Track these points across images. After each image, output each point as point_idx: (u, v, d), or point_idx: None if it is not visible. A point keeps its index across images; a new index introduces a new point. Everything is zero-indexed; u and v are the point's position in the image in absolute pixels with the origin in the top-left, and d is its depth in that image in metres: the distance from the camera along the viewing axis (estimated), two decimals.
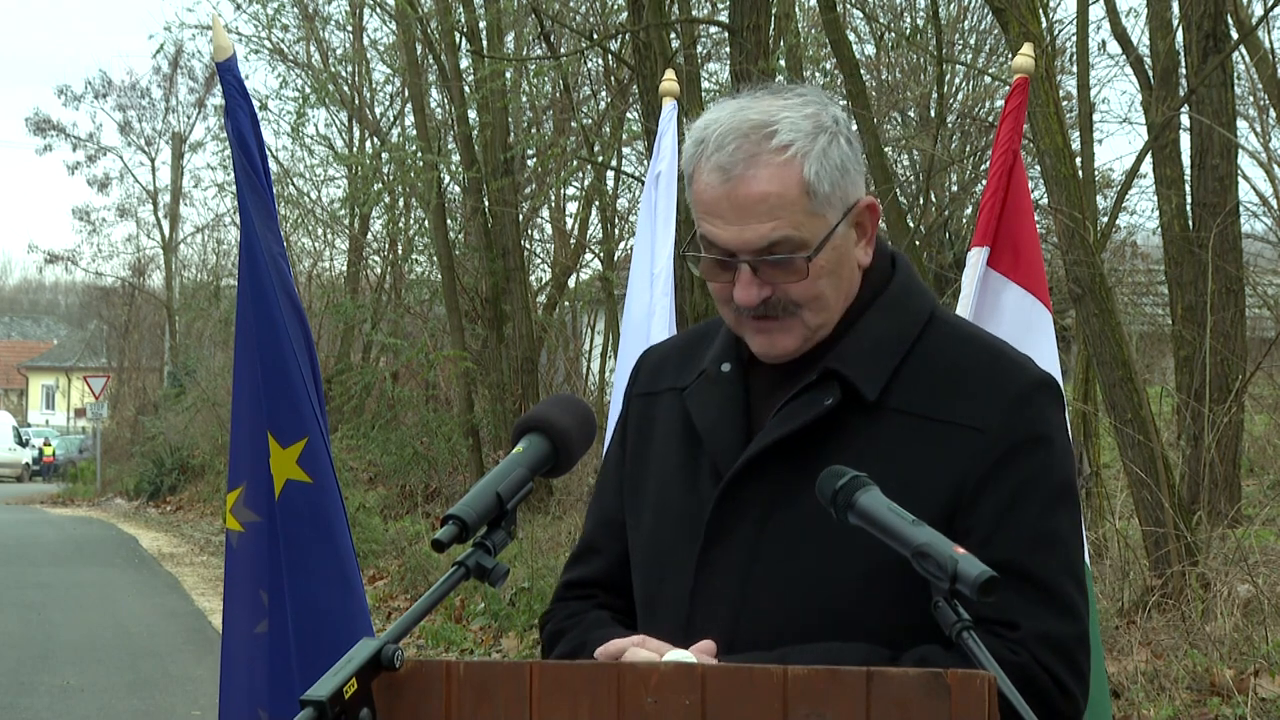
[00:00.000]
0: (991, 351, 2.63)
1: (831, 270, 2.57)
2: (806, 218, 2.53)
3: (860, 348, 2.58)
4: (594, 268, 24.19)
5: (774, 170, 2.52)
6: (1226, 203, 11.69)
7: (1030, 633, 2.45)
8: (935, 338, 2.61)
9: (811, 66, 17.41)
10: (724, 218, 2.54)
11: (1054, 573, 2.50)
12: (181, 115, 47.17)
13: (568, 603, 2.80)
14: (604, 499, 2.83)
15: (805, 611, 2.51)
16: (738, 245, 2.54)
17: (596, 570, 2.80)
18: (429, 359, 23.14)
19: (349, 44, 26.95)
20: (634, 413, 2.79)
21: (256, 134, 4.41)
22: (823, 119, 2.57)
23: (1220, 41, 11.34)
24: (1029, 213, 4.68)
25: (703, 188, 2.56)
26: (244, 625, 4.28)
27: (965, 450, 2.51)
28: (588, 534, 2.86)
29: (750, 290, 2.55)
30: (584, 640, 2.65)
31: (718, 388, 2.66)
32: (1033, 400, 2.56)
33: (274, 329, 4.27)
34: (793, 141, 2.53)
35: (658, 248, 5.53)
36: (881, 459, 2.50)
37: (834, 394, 2.55)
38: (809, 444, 2.54)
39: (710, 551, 2.58)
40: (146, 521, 31.43)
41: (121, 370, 47.53)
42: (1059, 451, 2.57)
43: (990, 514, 2.49)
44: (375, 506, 21.94)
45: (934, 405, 2.54)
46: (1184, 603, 8.93)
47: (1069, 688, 2.48)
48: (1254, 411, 13.64)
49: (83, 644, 14.71)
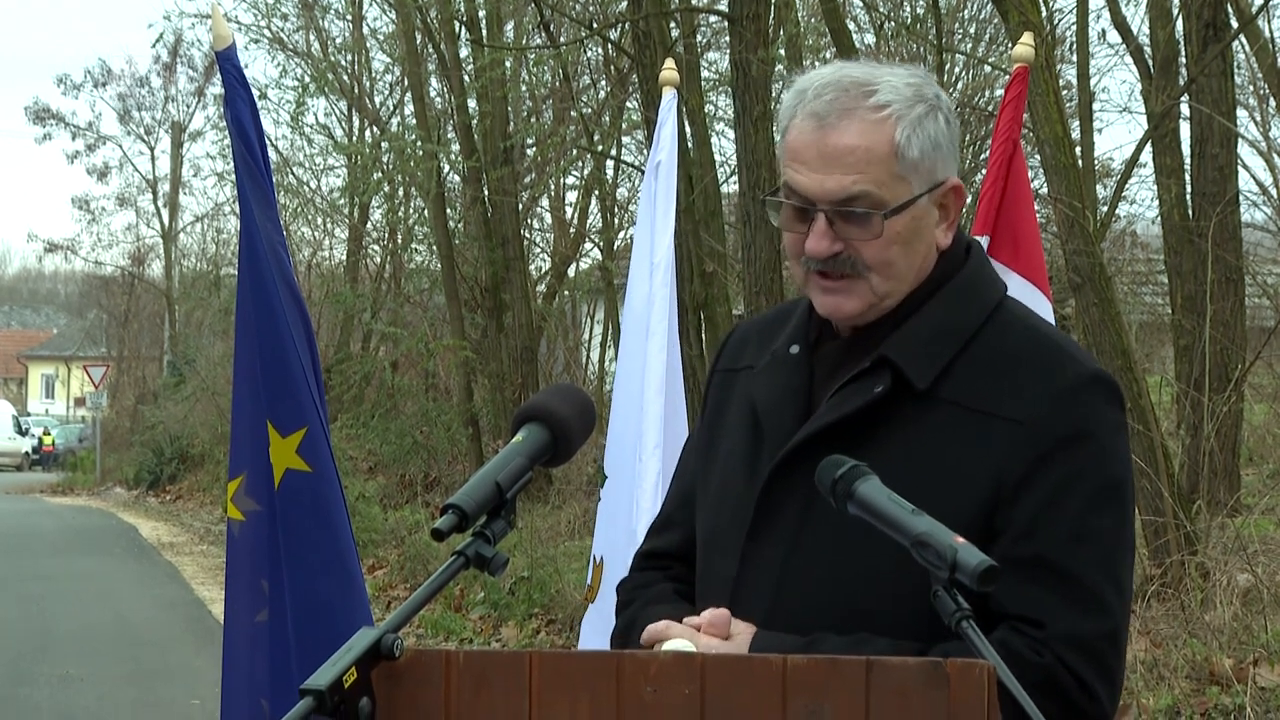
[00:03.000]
0: (1052, 344, 2.59)
1: (906, 240, 2.55)
2: (890, 179, 2.52)
3: (918, 335, 2.56)
4: (593, 257, 24.21)
5: (867, 125, 2.52)
6: (1226, 192, 11.69)
7: (1056, 632, 2.42)
8: (997, 329, 2.58)
9: (811, 55, 17.39)
10: (809, 164, 2.54)
11: (1087, 570, 2.46)
12: (181, 104, 47.16)
13: (642, 573, 2.82)
14: (683, 472, 2.84)
15: (838, 604, 2.50)
16: (818, 194, 2.53)
17: (671, 542, 2.81)
18: (428, 348, 23.13)
19: (348, 33, 26.93)
20: (715, 388, 2.80)
21: (256, 123, 4.40)
22: (925, 91, 2.57)
23: (1220, 30, 11.33)
24: (1029, 202, 4.68)
25: (795, 134, 2.56)
26: (245, 614, 4.28)
27: (1009, 443, 2.48)
28: (667, 505, 2.88)
29: (823, 242, 2.54)
30: (637, 616, 2.68)
31: (783, 370, 2.65)
32: (1080, 395, 2.52)
33: (273, 318, 4.26)
34: (890, 103, 2.53)
35: (657, 237, 5.52)
36: (926, 449, 2.50)
37: (884, 382, 2.53)
38: (858, 431, 2.53)
39: (754, 537, 2.59)
40: (146, 511, 31.43)
41: (121, 359, 47.49)
42: (1108, 449, 2.52)
43: (1028, 509, 2.47)
44: (375, 496, 21.93)
45: (985, 398, 2.52)
46: (1183, 592, 8.93)
47: (1094, 690, 2.44)
48: (1253, 401, 13.64)
49: (82, 633, 14.71)
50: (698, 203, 13.35)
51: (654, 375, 5.32)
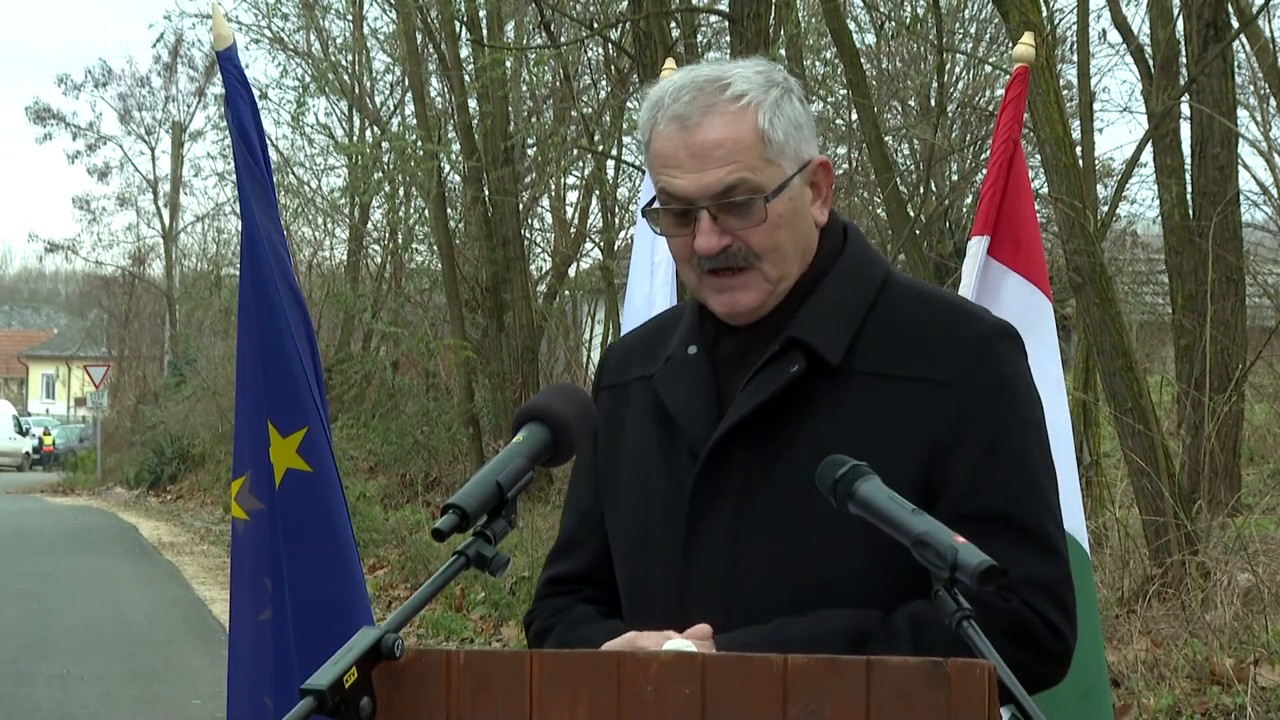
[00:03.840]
0: (948, 306, 2.66)
1: (789, 222, 2.59)
2: (762, 164, 2.57)
3: (820, 314, 2.60)
4: (594, 257, 24.20)
5: (730, 117, 2.57)
6: (1227, 192, 11.68)
7: (1018, 578, 2.45)
8: (892, 299, 2.63)
9: (812, 55, 17.40)
10: (682, 166, 2.58)
11: (1035, 516, 2.53)
12: (181, 104, 47.21)
13: (551, 599, 2.80)
14: (580, 494, 2.83)
15: (792, 584, 2.52)
16: (697, 191, 2.57)
17: (579, 565, 2.80)
18: (429, 348, 23.13)
19: (349, 33, 26.92)
20: (603, 406, 2.79)
21: (257, 123, 4.40)
22: (774, 76, 2.64)
23: (1221, 30, 11.32)
24: (1029, 202, 4.68)
25: (661, 141, 2.61)
26: (249, 612, 4.29)
27: (933, 405, 2.53)
28: (566, 530, 2.86)
29: (711, 238, 2.57)
30: (568, 639, 2.67)
31: (685, 370, 2.67)
32: (993, 349, 2.59)
33: (274, 318, 4.26)
34: (746, 92, 2.59)
35: (658, 237, 5.52)
36: (851, 422, 2.53)
37: (799, 362, 2.57)
38: (779, 415, 2.56)
39: (694, 534, 2.59)
40: (146, 510, 31.43)
41: (122, 359, 47.49)
42: (1026, 396, 2.60)
43: (966, 465, 2.52)
44: (375, 496, 21.95)
45: (898, 363, 2.57)
46: (1184, 592, 8.93)
47: (1059, 627, 2.52)
48: (1254, 400, 13.64)
49: (82, 633, 14.72)
50: None
51: None
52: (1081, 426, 11.36)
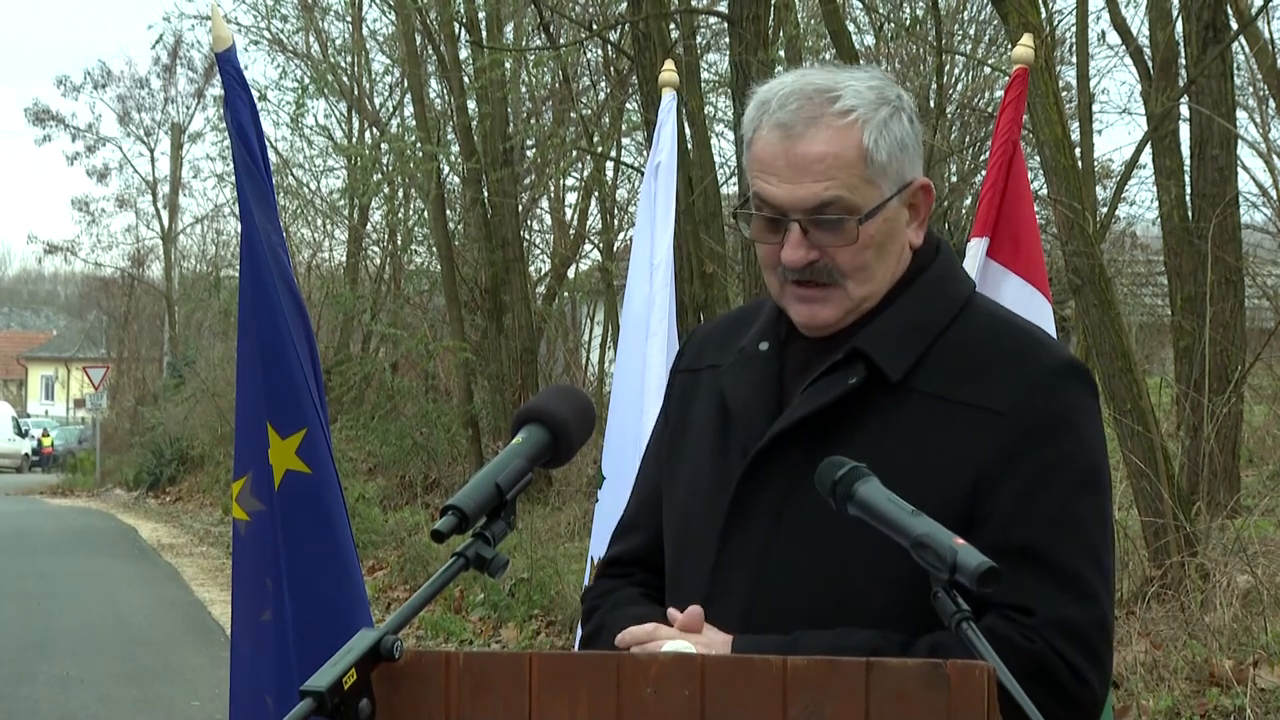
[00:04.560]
0: (1024, 336, 2.61)
1: (880, 242, 2.56)
2: (861, 183, 2.53)
3: (890, 329, 2.57)
4: (593, 258, 24.20)
5: (834, 132, 2.53)
6: (1226, 193, 11.68)
7: (1046, 619, 2.42)
8: (969, 323, 2.60)
9: (811, 57, 17.38)
10: (780, 175, 2.54)
11: (1073, 557, 2.46)
12: (181, 106, 47.16)
13: (606, 580, 2.81)
14: (645, 475, 2.84)
15: (820, 594, 2.50)
16: (790, 203, 2.54)
17: (635, 547, 2.81)
18: (428, 349, 23.13)
19: (348, 34, 26.91)
20: (677, 389, 2.80)
21: (256, 124, 4.40)
22: (887, 93, 2.58)
23: (1220, 32, 11.32)
24: (1029, 203, 4.68)
25: (761, 145, 2.57)
26: (250, 613, 4.29)
27: (987, 433, 2.49)
28: (629, 511, 2.87)
29: (798, 251, 2.54)
30: (605, 621, 2.68)
31: (753, 366, 2.66)
32: (1057, 384, 2.53)
33: (273, 319, 4.26)
34: (855, 107, 2.54)
35: (657, 239, 5.53)
36: (902, 440, 2.50)
37: (858, 373, 2.54)
38: (832, 423, 2.54)
39: (732, 530, 2.59)
40: (146, 512, 31.42)
41: (121, 361, 47.46)
42: (1086, 436, 2.54)
43: (1010, 498, 2.47)
44: (375, 497, 21.93)
45: (959, 388, 2.52)
46: (1183, 593, 8.93)
47: (1085, 676, 2.45)
48: (1253, 402, 13.63)
49: (82, 634, 14.72)
50: (697, 204, 13.34)
51: (653, 377, 5.33)
52: None
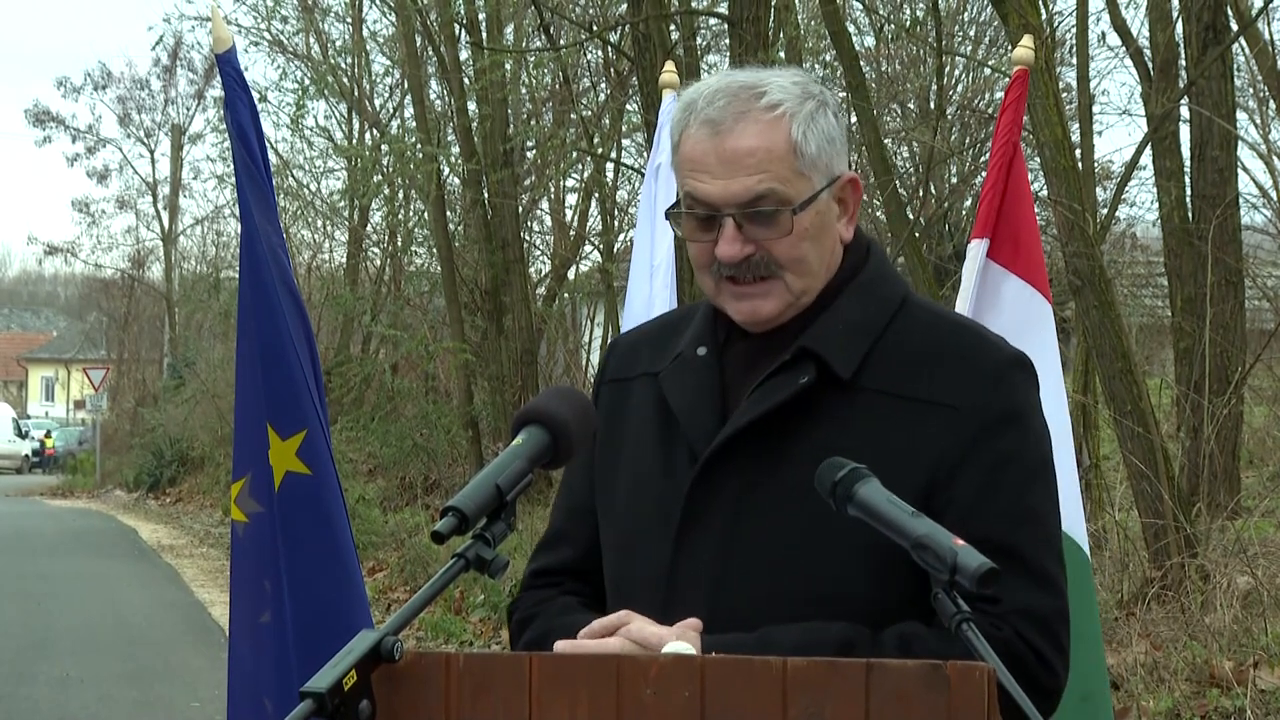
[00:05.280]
0: (965, 331, 2.65)
1: (814, 235, 2.58)
2: (792, 175, 2.55)
3: (834, 328, 2.59)
4: (593, 260, 24.20)
5: (762, 126, 2.56)
6: (1226, 194, 11.68)
7: (1012, 608, 2.45)
8: (908, 321, 2.63)
9: (811, 58, 17.39)
10: (711, 171, 2.56)
11: (1034, 548, 2.52)
12: (181, 107, 47.19)
13: (535, 590, 2.81)
14: (572, 487, 2.83)
15: (781, 592, 2.51)
16: (723, 199, 2.55)
17: (564, 558, 2.81)
18: (428, 351, 23.13)
19: (348, 36, 26.91)
20: (605, 400, 2.79)
21: (256, 126, 4.40)
22: (811, 88, 2.62)
23: (1220, 33, 11.33)
24: (1029, 204, 4.68)
25: (691, 144, 2.59)
26: (249, 614, 4.29)
27: (940, 428, 2.52)
28: (556, 523, 2.86)
29: (734, 246, 2.56)
30: (549, 627, 2.66)
31: (693, 371, 2.66)
32: (1006, 378, 2.57)
33: (273, 320, 4.26)
34: (782, 102, 2.57)
35: (657, 240, 5.53)
36: (856, 438, 2.52)
37: (809, 373, 2.55)
38: (784, 424, 2.55)
39: (687, 533, 2.58)
40: (146, 513, 31.43)
41: (121, 362, 47.49)
42: (1034, 428, 2.59)
43: (968, 491, 2.51)
44: (375, 498, 21.94)
45: (908, 384, 2.56)
46: (1183, 594, 8.93)
47: (1050, 661, 2.50)
48: (1253, 403, 13.64)
49: (82, 635, 14.72)
50: None
51: None
52: (1081, 429, 11.35)
